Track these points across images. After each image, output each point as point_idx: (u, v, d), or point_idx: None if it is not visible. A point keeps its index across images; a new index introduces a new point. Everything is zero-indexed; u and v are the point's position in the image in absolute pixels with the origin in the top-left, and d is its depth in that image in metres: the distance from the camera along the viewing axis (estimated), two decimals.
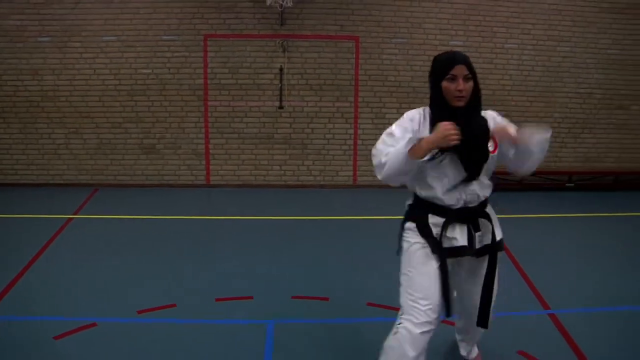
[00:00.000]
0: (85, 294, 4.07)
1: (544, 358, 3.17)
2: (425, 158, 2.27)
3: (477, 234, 2.49)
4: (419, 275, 2.42)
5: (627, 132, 8.84)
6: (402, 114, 2.52)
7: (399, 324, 2.44)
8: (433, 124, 2.33)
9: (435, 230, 2.44)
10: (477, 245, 2.50)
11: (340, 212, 7.06)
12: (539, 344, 3.34)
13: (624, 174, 8.76)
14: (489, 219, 2.55)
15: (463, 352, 3.11)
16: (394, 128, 2.41)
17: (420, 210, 2.49)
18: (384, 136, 2.42)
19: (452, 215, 2.44)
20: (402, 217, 2.62)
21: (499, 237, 2.59)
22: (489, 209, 2.58)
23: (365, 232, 6.03)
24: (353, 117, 8.32)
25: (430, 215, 2.45)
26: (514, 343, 3.33)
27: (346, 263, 4.93)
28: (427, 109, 2.45)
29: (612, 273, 4.75)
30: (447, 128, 2.19)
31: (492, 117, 2.49)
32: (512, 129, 2.36)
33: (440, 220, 2.44)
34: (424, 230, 2.45)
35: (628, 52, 8.58)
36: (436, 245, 2.41)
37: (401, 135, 2.35)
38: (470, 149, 2.35)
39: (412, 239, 2.48)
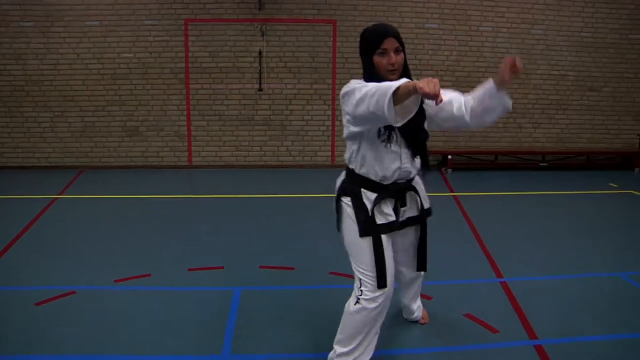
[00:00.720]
0: (65, 266, 4.31)
1: (489, 320, 3.41)
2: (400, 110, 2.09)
3: (403, 208, 2.60)
4: (361, 249, 2.50)
5: (599, 113, 9.11)
6: None
7: (360, 294, 2.52)
8: None
9: (369, 206, 2.49)
10: (401, 219, 2.62)
11: (317, 190, 7.31)
12: (486, 309, 3.57)
13: (595, 154, 9.04)
14: (417, 192, 2.67)
15: (406, 315, 3.36)
16: (358, 85, 2.27)
17: (354, 186, 2.52)
18: (356, 87, 2.24)
19: (385, 191, 2.51)
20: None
21: (426, 206, 2.75)
22: (415, 182, 2.68)
23: None
24: (331, 99, 8.55)
25: (363, 191, 2.50)
26: (462, 307, 3.58)
27: (315, 237, 5.18)
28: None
29: (570, 245, 5.01)
30: (434, 79, 1.96)
31: None
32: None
33: (372, 195, 2.51)
34: (359, 206, 2.49)
35: (600, 34, 8.82)
36: (370, 222, 2.48)
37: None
38: (413, 127, 2.35)
39: (349, 214, 2.52)
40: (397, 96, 2.04)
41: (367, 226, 2.48)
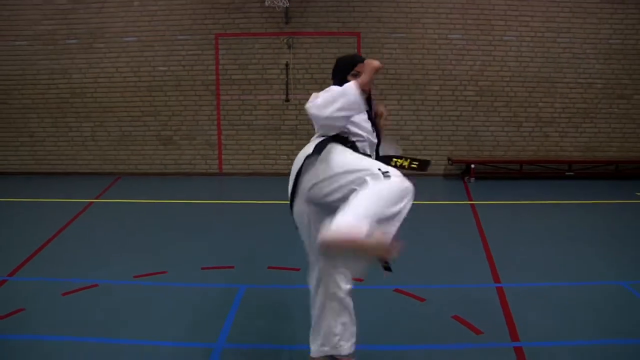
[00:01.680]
0: (92, 262, 4.73)
1: (475, 322, 3.52)
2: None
3: None
4: (359, 158, 2.59)
5: (629, 121, 8.96)
6: (403, 105, 2.83)
7: (387, 173, 2.40)
8: None
9: None
10: None
11: None
12: (475, 312, 3.69)
13: (625, 163, 8.88)
14: None
15: None
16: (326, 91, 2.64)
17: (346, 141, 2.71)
18: (321, 94, 2.61)
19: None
20: None
21: None
22: None
23: None
24: None
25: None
26: (452, 309, 3.72)
27: None
28: None
29: (579, 254, 5.04)
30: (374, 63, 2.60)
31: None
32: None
33: None
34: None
35: (631, 41, 8.70)
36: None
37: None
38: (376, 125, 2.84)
39: (339, 146, 2.66)
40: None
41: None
